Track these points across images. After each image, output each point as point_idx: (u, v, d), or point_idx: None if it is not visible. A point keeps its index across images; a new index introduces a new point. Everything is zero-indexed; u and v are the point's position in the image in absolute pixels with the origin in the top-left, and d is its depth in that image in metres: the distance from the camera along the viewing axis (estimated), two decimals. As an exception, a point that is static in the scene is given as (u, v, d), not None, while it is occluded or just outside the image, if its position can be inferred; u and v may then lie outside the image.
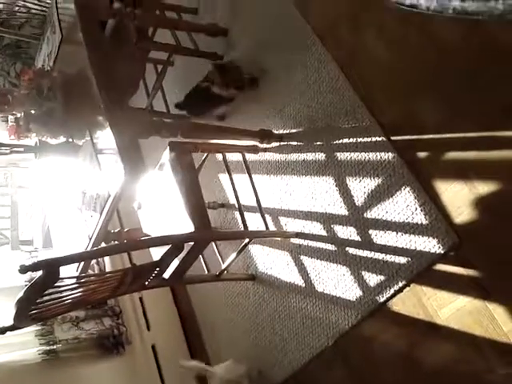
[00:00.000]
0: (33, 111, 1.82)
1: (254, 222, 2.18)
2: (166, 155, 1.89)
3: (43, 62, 2.80)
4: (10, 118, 1.89)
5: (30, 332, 2.37)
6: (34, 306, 1.49)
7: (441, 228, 1.57)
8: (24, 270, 1.34)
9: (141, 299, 2.69)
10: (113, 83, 1.73)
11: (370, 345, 1.81)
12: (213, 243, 2.27)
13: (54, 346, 2.35)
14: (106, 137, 1.74)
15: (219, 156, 2.29)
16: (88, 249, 1.84)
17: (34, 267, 1.36)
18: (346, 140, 1.89)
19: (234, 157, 2.33)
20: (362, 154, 1.82)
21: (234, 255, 2.11)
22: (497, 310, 1.46)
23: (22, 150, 2.02)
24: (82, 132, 1.82)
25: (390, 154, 1.73)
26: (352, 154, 1.86)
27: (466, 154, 1.54)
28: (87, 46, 1.77)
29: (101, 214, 1.75)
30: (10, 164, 3.35)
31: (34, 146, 1.96)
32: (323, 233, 1.98)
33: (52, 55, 2.69)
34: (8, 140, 1.93)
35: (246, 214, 2.00)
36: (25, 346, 2.34)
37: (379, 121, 1.78)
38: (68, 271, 1.65)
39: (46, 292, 1.46)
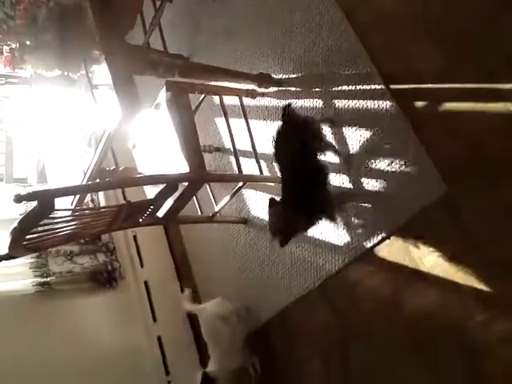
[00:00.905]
0: (28, 42, 1.78)
1: (249, 167, 2.19)
2: (163, 95, 1.87)
3: (39, -9, 2.71)
4: (5, 48, 1.85)
5: (24, 264, 2.41)
6: (28, 236, 1.52)
7: (432, 178, 1.58)
8: (19, 199, 1.35)
9: (135, 237, 2.74)
10: (110, 16, 1.69)
11: (355, 289, 1.87)
12: (207, 185, 2.30)
13: (48, 279, 2.40)
14: (101, 71, 1.72)
15: (216, 99, 2.27)
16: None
17: (29, 197, 1.38)
18: (345, 87, 1.87)
19: (231, 101, 2.31)
20: (360, 101, 1.81)
21: (227, 198, 2.14)
22: (479, 259, 1.50)
23: (16, 81, 1.99)
24: (78, 65, 1.79)
25: (388, 102, 1.72)
26: (350, 101, 1.85)
27: (462, 105, 1.53)
28: (85, -25, 1.72)
29: (95, 149, 1.75)
30: (4, 97, 3.30)
31: (29, 78, 1.93)
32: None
33: (48, -16, 2.60)
34: (3, 70, 1.89)
35: (241, 159, 2.01)
36: (20, 276, 2.39)
37: (379, 69, 1.76)
38: (63, 205, 1.68)
39: (41, 223, 1.48)
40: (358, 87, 1.82)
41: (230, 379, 2.22)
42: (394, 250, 1.73)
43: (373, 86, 1.77)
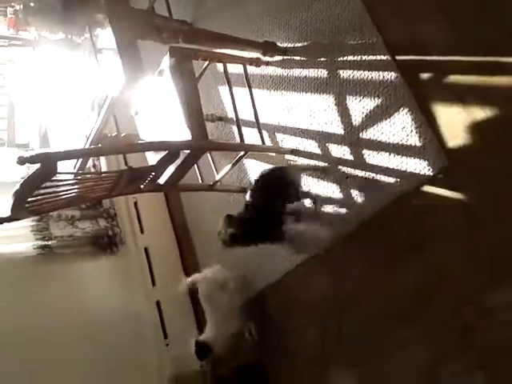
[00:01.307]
0: (32, 4, 1.76)
1: (251, 137, 2.19)
2: (166, 61, 1.86)
3: (42, -49, 2.66)
4: (9, 9, 1.83)
5: (26, 227, 2.44)
6: (31, 199, 1.53)
7: (433, 150, 1.59)
8: (22, 161, 1.36)
9: (135, 204, 2.75)
10: (114, -22, 1.67)
11: (354, 259, 1.89)
12: (208, 154, 2.30)
13: (49, 242, 2.44)
14: (105, 35, 1.70)
15: (220, 67, 2.25)
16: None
17: (32, 159, 1.38)
18: (350, 57, 1.86)
19: (235, 69, 2.29)
20: (365, 72, 1.80)
21: (228, 167, 2.14)
22: (477, 234, 1.51)
23: (20, 43, 1.98)
24: (82, 29, 1.77)
25: (392, 73, 1.71)
26: (355, 72, 1.84)
27: (467, 79, 1.52)
28: None
29: (98, 114, 1.75)
30: (7, 61, 3.27)
31: (33, 40, 1.91)
32: (318, 151, 2.01)
33: None
34: (6, 32, 1.88)
35: (244, 129, 2.01)
36: (21, 239, 2.42)
37: (385, 39, 1.74)
38: (66, 169, 1.68)
39: (43, 186, 1.49)
40: (363, 57, 1.81)
41: (226, 344, 2.26)
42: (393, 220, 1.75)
43: (378, 57, 1.76)
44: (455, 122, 1.54)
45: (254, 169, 2.32)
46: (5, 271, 2.35)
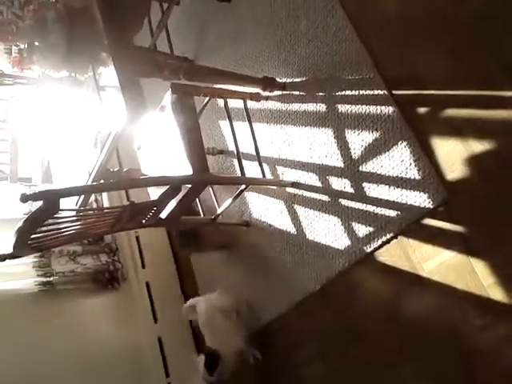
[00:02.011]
0: (36, 43, 1.80)
1: (252, 170, 2.21)
2: (168, 97, 1.89)
3: (47, -7, 2.74)
4: (14, 48, 1.88)
5: (28, 263, 2.43)
6: (33, 236, 1.54)
7: (432, 183, 1.60)
8: (25, 198, 1.37)
9: (137, 238, 2.75)
10: (117, 19, 1.71)
11: (355, 292, 1.88)
12: (210, 188, 2.32)
13: (51, 278, 2.42)
14: (108, 73, 1.74)
15: (221, 102, 2.29)
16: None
17: (34, 197, 1.39)
18: (348, 92, 1.89)
19: (235, 104, 2.33)
20: (363, 106, 1.83)
21: (229, 200, 2.15)
22: (478, 266, 1.51)
23: (24, 81, 2.02)
24: (85, 67, 1.81)
25: (390, 107, 1.74)
26: (353, 106, 1.87)
27: (464, 112, 1.55)
28: (93, -22, 1.74)
29: (101, 150, 1.77)
30: (11, 97, 3.32)
31: (37, 78, 1.95)
32: (318, 183, 2.02)
33: (57, -13, 2.63)
34: (11, 71, 1.92)
35: (244, 162, 2.03)
36: (23, 276, 2.41)
37: (382, 74, 1.78)
38: (68, 206, 1.69)
39: (46, 223, 1.50)
40: (361, 92, 1.84)
41: (231, 362, 2.13)
42: (393, 254, 1.75)
43: (375, 92, 1.79)
44: (454, 155, 1.56)
45: (256, 201, 2.33)
46: (7, 308, 2.33)
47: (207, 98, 2.08)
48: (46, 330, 2.38)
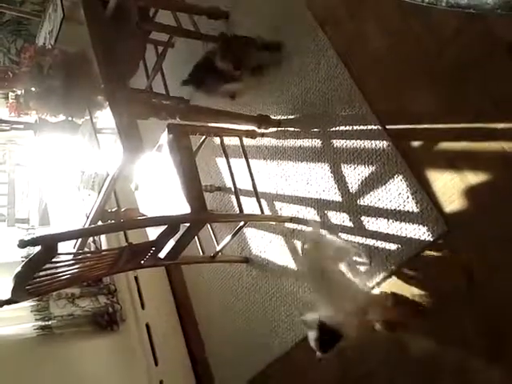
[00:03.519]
0: (33, 89, 1.83)
1: (250, 206, 2.21)
2: (165, 137, 1.91)
3: (44, 39, 2.80)
4: (11, 94, 1.90)
5: (25, 307, 2.40)
6: (31, 281, 1.52)
7: (431, 216, 1.60)
8: (23, 244, 1.37)
9: (136, 278, 2.72)
10: (113, 63, 1.75)
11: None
12: (208, 225, 2.31)
13: (49, 322, 2.39)
14: (105, 116, 1.76)
15: (217, 140, 2.31)
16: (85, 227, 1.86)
17: (32, 242, 1.39)
18: (342, 127, 1.91)
19: (231, 141, 2.35)
20: (358, 141, 1.85)
21: (228, 238, 2.15)
22: (480, 298, 1.50)
23: (21, 126, 2.04)
24: (82, 111, 1.84)
25: (384, 142, 1.76)
26: (348, 141, 1.89)
27: (457, 145, 1.57)
28: (89, 24, 1.79)
29: (99, 192, 1.77)
30: (8, 141, 3.36)
31: (34, 124, 1.97)
32: (317, 218, 2.02)
33: (53, 33, 2.69)
34: (8, 117, 1.94)
35: (242, 198, 2.03)
36: (21, 320, 2.37)
37: (375, 109, 1.81)
38: (65, 248, 1.69)
39: (44, 267, 1.49)
40: (354, 127, 1.86)
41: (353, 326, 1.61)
42: (395, 288, 1.73)
43: (369, 127, 1.81)
44: (450, 187, 1.57)
45: (255, 237, 2.32)
46: (5, 354, 2.29)
47: (203, 137, 2.10)
48: (44, 374, 2.32)
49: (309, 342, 1.63)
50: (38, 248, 1.42)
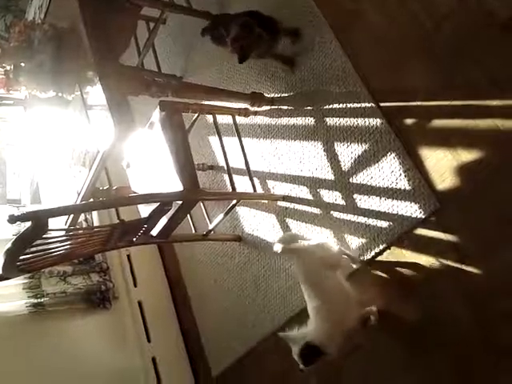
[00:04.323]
0: (23, 64, 1.80)
1: (242, 185, 2.21)
2: (156, 114, 1.89)
3: (34, 14, 2.74)
4: (0, 70, 1.87)
5: (17, 285, 2.39)
6: (22, 257, 1.52)
7: (423, 194, 1.61)
8: (13, 219, 1.36)
9: (128, 257, 2.72)
10: (104, 38, 1.72)
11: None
12: (201, 204, 2.31)
13: (42, 299, 2.38)
14: (95, 92, 1.74)
15: (209, 118, 2.29)
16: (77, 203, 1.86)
17: (23, 217, 1.38)
18: (335, 105, 1.90)
19: (224, 119, 2.34)
20: (351, 119, 1.84)
21: (221, 216, 2.14)
22: (472, 275, 1.51)
23: (11, 102, 2.01)
24: (72, 86, 1.81)
25: (378, 120, 1.75)
26: (341, 119, 1.88)
27: (451, 122, 1.57)
28: (79, -2, 1.75)
29: (90, 169, 1.76)
30: (-1, 119, 3.31)
31: (24, 99, 1.94)
32: (309, 196, 2.02)
33: (43, 8, 2.63)
34: (-3, 93, 1.91)
35: (235, 177, 2.03)
36: (12, 298, 2.37)
37: (369, 87, 1.79)
38: (57, 225, 1.68)
39: (35, 243, 1.48)
40: (348, 105, 1.85)
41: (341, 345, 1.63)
42: (386, 265, 1.74)
43: (363, 104, 1.80)
44: (443, 165, 1.57)
45: (247, 216, 2.32)
46: (-3, 330, 2.29)
47: (196, 115, 2.09)
48: (36, 351, 2.33)
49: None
50: (28, 224, 1.42)
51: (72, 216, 1.85)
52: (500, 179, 1.45)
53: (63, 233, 1.63)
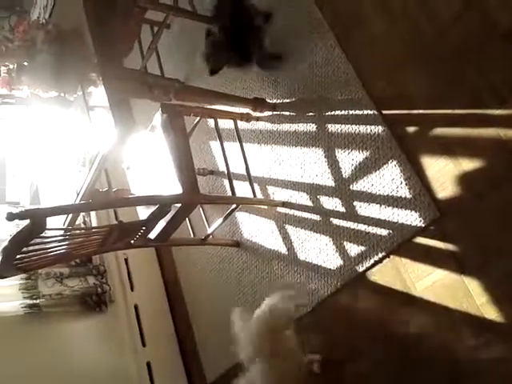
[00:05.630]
0: (26, 63, 1.80)
1: (242, 190, 2.20)
2: (158, 117, 1.89)
3: (38, 14, 2.76)
4: (3, 69, 1.87)
5: (13, 285, 2.38)
6: (19, 256, 1.51)
7: (423, 202, 1.60)
8: (11, 217, 1.35)
9: (126, 260, 2.71)
10: (108, 40, 1.72)
11: (347, 313, 1.86)
12: (200, 208, 2.30)
13: (37, 301, 2.37)
14: (98, 94, 1.74)
15: (211, 123, 2.29)
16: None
17: (21, 215, 1.37)
18: (337, 112, 1.90)
19: (225, 124, 2.34)
20: (353, 126, 1.84)
21: (220, 220, 2.14)
22: (471, 284, 1.50)
23: (13, 101, 2.01)
24: (74, 87, 1.81)
25: (379, 127, 1.75)
26: (343, 126, 1.88)
27: (453, 131, 1.56)
28: (84, 0, 1.75)
29: (89, 169, 1.75)
30: (-1, 119, 3.30)
31: (26, 98, 1.94)
32: (309, 203, 2.01)
33: (48, 8, 2.65)
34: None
35: (235, 182, 2.02)
36: (8, 298, 2.35)
37: (371, 94, 1.79)
38: (55, 225, 1.67)
39: (32, 242, 1.47)
40: (350, 112, 1.85)
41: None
42: (386, 273, 1.73)
43: (365, 111, 1.80)
44: (444, 174, 1.56)
45: (246, 221, 2.32)
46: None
47: (197, 118, 2.08)
48: (31, 353, 2.31)
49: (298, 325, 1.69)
50: (26, 222, 1.41)
51: (70, 216, 1.84)
52: (501, 189, 1.45)
53: (61, 232, 1.62)
